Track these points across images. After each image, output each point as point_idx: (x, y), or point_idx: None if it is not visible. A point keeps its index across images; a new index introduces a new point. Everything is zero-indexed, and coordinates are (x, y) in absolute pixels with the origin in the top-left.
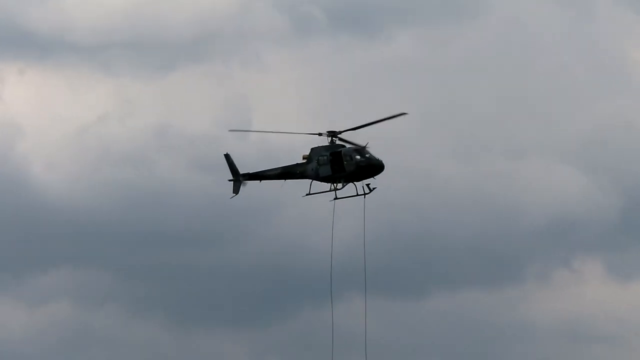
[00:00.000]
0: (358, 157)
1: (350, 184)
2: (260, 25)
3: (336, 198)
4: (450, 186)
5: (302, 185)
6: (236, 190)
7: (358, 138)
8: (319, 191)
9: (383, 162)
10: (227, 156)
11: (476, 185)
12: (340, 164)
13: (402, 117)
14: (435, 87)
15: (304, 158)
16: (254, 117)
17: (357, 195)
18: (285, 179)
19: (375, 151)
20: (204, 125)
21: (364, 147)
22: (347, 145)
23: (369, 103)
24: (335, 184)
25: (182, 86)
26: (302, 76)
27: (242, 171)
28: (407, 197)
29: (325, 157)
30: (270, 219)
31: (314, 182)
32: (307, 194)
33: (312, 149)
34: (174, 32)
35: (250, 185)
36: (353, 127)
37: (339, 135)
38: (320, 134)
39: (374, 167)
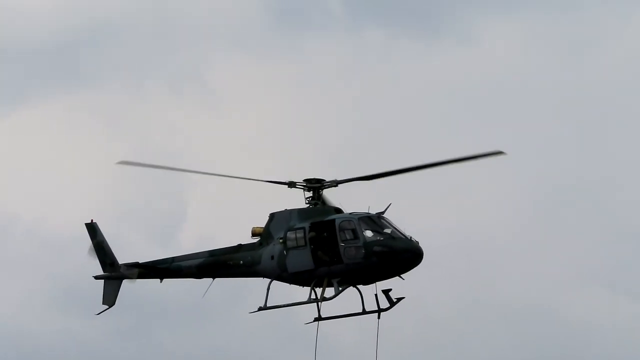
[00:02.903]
0: (369, 233)
1: (351, 288)
2: None
3: (320, 318)
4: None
5: (250, 289)
6: (109, 299)
7: (369, 199)
8: (284, 303)
9: (420, 246)
10: (91, 227)
11: None
12: (333, 245)
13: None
14: None
15: (253, 235)
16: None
17: (364, 313)
18: (212, 277)
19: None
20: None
21: (382, 215)
22: (345, 211)
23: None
24: (318, 289)
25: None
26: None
27: (124, 260)
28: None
29: (300, 232)
30: None
31: (275, 283)
32: (259, 308)
33: (271, 216)
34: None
35: (142, 288)
36: (361, 175)
37: (325, 187)
38: (290, 184)
39: (403, 254)
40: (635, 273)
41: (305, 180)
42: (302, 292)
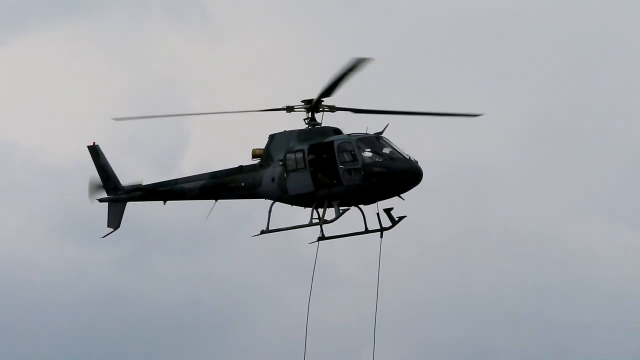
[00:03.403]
0: (369, 153)
1: (352, 209)
2: None
3: (323, 238)
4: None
5: (252, 211)
6: (113, 222)
7: (368, 120)
8: (286, 226)
9: (419, 165)
10: (94, 149)
11: None
12: (332, 167)
13: None
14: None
15: (254, 156)
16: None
17: (367, 232)
18: (215, 199)
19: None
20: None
21: (380, 135)
22: (345, 132)
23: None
24: (319, 210)
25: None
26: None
27: (127, 182)
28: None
29: (299, 154)
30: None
31: (277, 205)
32: (262, 232)
33: (271, 137)
34: None
35: (145, 211)
36: (358, 108)
37: (324, 106)
38: (288, 108)
39: (402, 175)
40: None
41: (302, 101)
42: (303, 215)
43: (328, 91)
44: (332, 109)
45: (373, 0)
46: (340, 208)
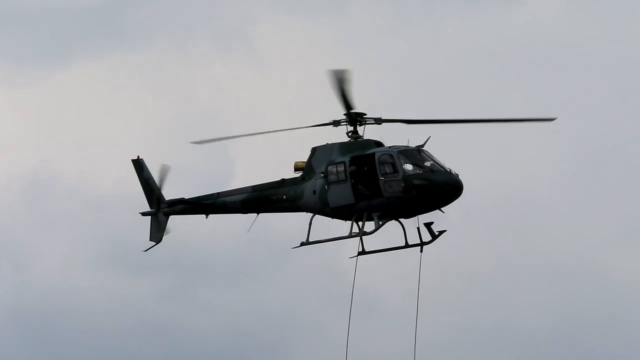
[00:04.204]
0: (409, 166)
1: (392, 222)
2: None
3: (363, 252)
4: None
5: (293, 224)
6: (156, 236)
7: (410, 134)
8: (326, 238)
9: (460, 179)
10: (138, 163)
11: None
12: (372, 179)
13: None
14: None
15: (296, 169)
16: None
17: (407, 246)
18: (256, 212)
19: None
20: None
21: (422, 147)
22: (387, 144)
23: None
24: (359, 223)
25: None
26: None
27: (171, 196)
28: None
29: (340, 167)
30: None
31: (317, 217)
32: (302, 244)
33: (313, 150)
34: None
35: (185, 226)
36: (405, 118)
37: (367, 119)
38: (335, 123)
39: (442, 187)
40: None
41: (345, 115)
42: (343, 227)
43: (346, 106)
44: (378, 121)
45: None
46: (380, 221)
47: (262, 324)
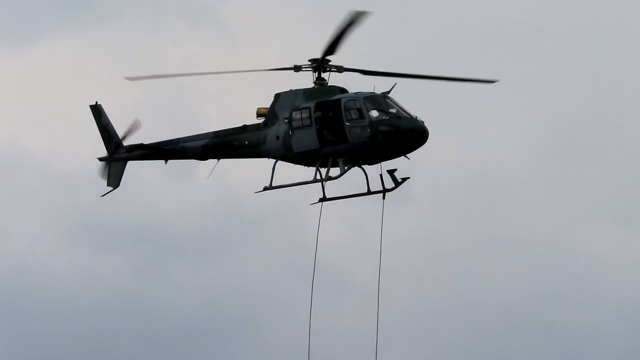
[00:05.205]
0: (375, 112)
1: (356, 168)
2: None
3: (324, 199)
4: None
5: (256, 170)
6: (113, 181)
7: (376, 81)
8: (289, 183)
9: (426, 125)
10: (96, 109)
11: None
12: (338, 125)
13: None
14: None
15: (258, 115)
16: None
17: (369, 193)
18: (217, 158)
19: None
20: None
21: (387, 95)
22: (351, 90)
23: None
24: (323, 169)
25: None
26: None
27: (129, 142)
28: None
29: (305, 113)
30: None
31: (280, 163)
32: (265, 188)
33: (276, 96)
34: None
35: (144, 170)
36: (366, 69)
37: (331, 66)
38: (296, 68)
39: (408, 133)
40: None
41: (310, 61)
42: (306, 173)
43: (331, 48)
44: (340, 69)
45: None
46: (345, 166)
47: (225, 276)
